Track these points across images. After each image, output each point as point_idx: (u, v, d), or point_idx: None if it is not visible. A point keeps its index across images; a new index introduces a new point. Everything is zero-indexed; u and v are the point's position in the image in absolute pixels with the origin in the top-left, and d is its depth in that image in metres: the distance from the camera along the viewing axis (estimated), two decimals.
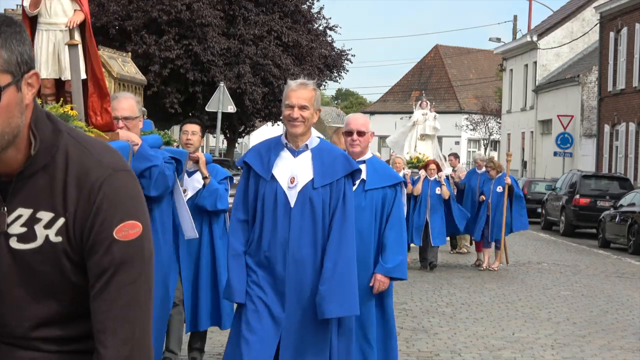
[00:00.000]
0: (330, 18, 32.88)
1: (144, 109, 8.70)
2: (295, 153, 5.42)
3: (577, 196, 27.40)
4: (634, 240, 22.27)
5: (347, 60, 32.60)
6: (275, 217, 5.33)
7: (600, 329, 11.07)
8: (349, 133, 6.45)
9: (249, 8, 28.51)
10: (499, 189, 16.47)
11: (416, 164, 19.47)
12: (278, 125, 36.83)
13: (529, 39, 45.91)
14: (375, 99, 77.79)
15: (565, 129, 38.90)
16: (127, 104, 6.03)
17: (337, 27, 32.21)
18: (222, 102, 23.80)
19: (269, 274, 5.34)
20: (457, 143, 60.94)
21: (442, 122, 23.23)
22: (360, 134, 6.44)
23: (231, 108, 24.13)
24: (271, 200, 5.34)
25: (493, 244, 16.75)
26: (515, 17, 53.34)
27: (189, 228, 6.40)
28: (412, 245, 16.64)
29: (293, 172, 5.36)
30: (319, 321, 5.35)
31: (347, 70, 35.83)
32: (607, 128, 37.24)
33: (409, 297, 13.02)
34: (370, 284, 6.21)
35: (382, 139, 64.09)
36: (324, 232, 5.36)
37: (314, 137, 5.46)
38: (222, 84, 24.42)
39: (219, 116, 23.81)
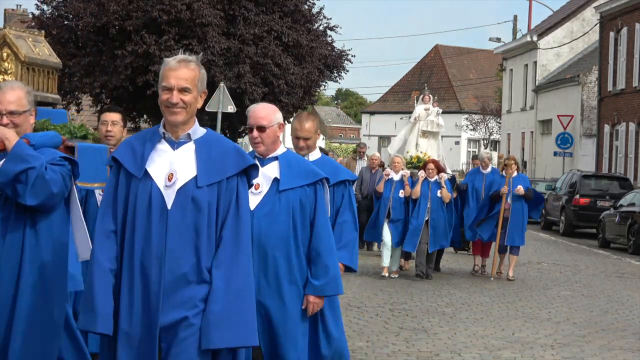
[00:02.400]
0: (330, 18, 32.81)
1: (56, 96, 7.85)
2: (174, 145, 4.46)
3: (577, 196, 27.41)
4: (634, 240, 22.28)
5: (347, 60, 32.60)
6: (150, 223, 4.35)
7: (600, 329, 11.07)
8: (249, 129, 5.51)
9: (249, 8, 28.51)
10: (518, 189, 15.18)
11: (416, 164, 18.30)
12: None
13: (529, 39, 45.92)
14: (375, 99, 77.82)
15: (565, 129, 38.90)
16: (14, 96, 5.02)
17: (337, 27, 32.22)
18: (222, 102, 23.79)
19: (144, 296, 4.34)
20: (457, 143, 60.97)
21: (444, 126, 21.62)
22: (261, 129, 5.44)
23: (231, 108, 24.11)
24: (144, 202, 4.37)
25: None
26: (515, 17, 53.37)
27: (85, 248, 5.19)
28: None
29: (171, 167, 4.41)
30: (205, 355, 4.34)
31: (347, 71, 35.80)
32: (607, 128, 37.24)
33: (409, 297, 13.02)
34: (303, 307, 5.37)
35: (382, 139, 64.17)
36: (210, 242, 4.37)
37: (199, 127, 4.50)
38: (222, 84, 24.40)
39: (219, 116, 23.80)
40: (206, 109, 25.87)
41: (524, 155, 46.54)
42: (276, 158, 5.47)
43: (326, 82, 33.45)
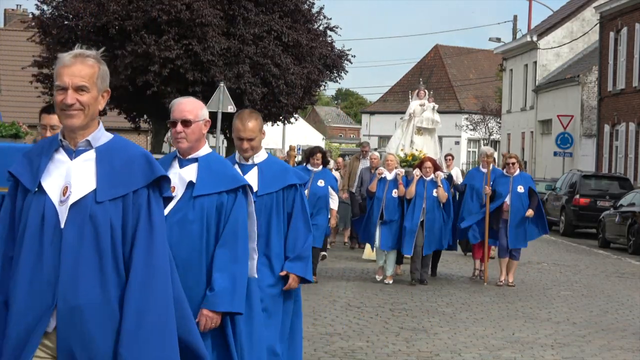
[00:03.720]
0: (330, 18, 32.78)
1: None
2: (72, 154, 3.82)
3: (577, 196, 27.41)
4: (634, 240, 22.28)
5: (347, 60, 32.58)
6: (41, 245, 3.70)
7: (600, 329, 11.07)
8: (172, 124, 5.01)
9: (249, 8, 28.51)
10: (520, 188, 14.34)
11: (411, 162, 17.48)
12: (278, 125, 36.81)
13: (529, 39, 45.92)
14: (375, 99, 77.82)
15: (565, 129, 38.90)
16: None
17: (337, 27, 32.21)
18: (222, 102, 23.79)
19: (34, 334, 3.65)
20: (457, 143, 60.98)
21: (442, 122, 21.00)
22: (186, 123, 4.97)
23: (231, 108, 24.09)
24: (36, 221, 3.73)
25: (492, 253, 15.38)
26: (515, 17, 53.35)
27: None
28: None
29: (67, 179, 3.77)
30: None
31: (347, 71, 35.79)
32: (607, 128, 37.24)
33: (409, 297, 13.02)
34: (197, 320, 4.67)
35: (382, 139, 64.18)
36: (117, 267, 3.71)
37: (104, 132, 3.86)
38: (222, 84, 24.40)
39: (219, 116, 23.79)
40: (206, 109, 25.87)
41: (524, 155, 46.53)
42: (196, 159, 4.96)
43: (326, 82, 33.42)
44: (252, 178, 5.73)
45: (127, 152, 3.84)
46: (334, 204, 13.65)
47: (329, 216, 13.43)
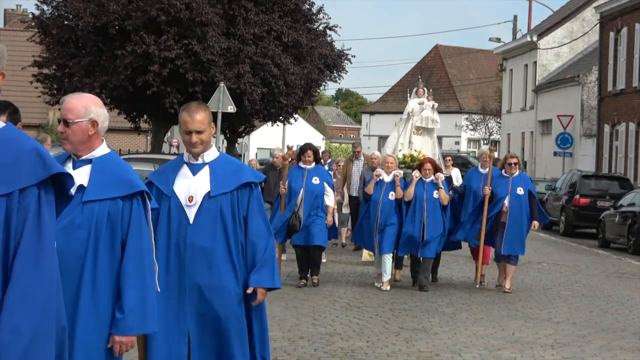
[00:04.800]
0: (330, 18, 32.76)
1: None
2: None
3: (577, 196, 27.42)
4: (634, 240, 22.29)
5: (347, 60, 32.58)
6: None
7: (600, 329, 11.07)
8: (61, 123, 4.59)
9: (249, 7, 28.49)
10: (520, 190, 13.63)
11: (410, 164, 17.02)
12: (277, 125, 36.81)
13: (529, 39, 45.93)
14: (375, 99, 77.89)
15: (565, 129, 38.92)
16: None
17: (337, 27, 32.20)
18: (222, 102, 23.79)
19: None
20: (457, 143, 61.03)
21: (442, 122, 20.49)
22: (66, 123, 4.50)
23: (231, 108, 24.10)
24: None
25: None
26: (515, 17, 53.36)
27: None
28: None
29: None
30: None
31: (347, 71, 35.80)
32: (607, 128, 37.24)
33: (409, 297, 13.01)
34: (109, 346, 4.35)
35: (382, 139, 64.21)
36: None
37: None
38: (222, 84, 24.39)
39: (219, 116, 23.79)
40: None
41: (524, 155, 46.54)
42: (90, 161, 4.51)
43: (326, 82, 33.41)
44: (203, 178, 5.36)
45: (15, 144, 3.37)
46: (329, 200, 13.42)
47: (326, 213, 13.32)
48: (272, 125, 35.95)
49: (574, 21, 45.10)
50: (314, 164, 13.39)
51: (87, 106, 4.50)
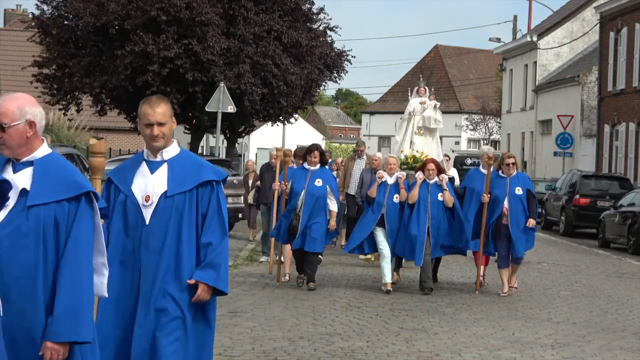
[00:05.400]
0: (330, 19, 32.75)
1: None
2: None
3: (577, 196, 27.42)
4: (634, 240, 22.29)
5: (347, 60, 32.57)
6: None
7: (600, 329, 11.07)
8: None
9: (249, 7, 28.49)
10: (518, 190, 13.22)
11: (412, 165, 16.73)
12: (277, 125, 36.81)
13: (529, 39, 45.92)
14: (375, 99, 77.87)
15: (565, 129, 38.92)
16: None
17: (337, 27, 32.20)
18: (222, 102, 23.81)
19: None
20: (457, 143, 61.01)
21: (442, 122, 19.67)
22: (3, 128, 4.22)
23: (231, 108, 24.13)
24: None
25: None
26: (515, 17, 53.36)
27: None
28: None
29: None
30: None
31: (347, 71, 35.78)
32: (607, 128, 37.24)
33: (409, 297, 13.01)
34: (40, 353, 4.10)
35: (382, 139, 64.25)
36: None
37: None
38: (222, 84, 24.41)
39: (219, 116, 23.82)
40: (206, 109, 25.89)
41: (524, 155, 46.54)
42: (32, 163, 4.26)
43: (326, 82, 33.42)
44: (161, 176, 5.19)
45: None
46: (333, 205, 13.15)
47: (328, 217, 13.08)
48: (272, 126, 35.96)
49: (574, 21, 45.09)
50: (319, 165, 13.13)
51: (22, 107, 4.23)
